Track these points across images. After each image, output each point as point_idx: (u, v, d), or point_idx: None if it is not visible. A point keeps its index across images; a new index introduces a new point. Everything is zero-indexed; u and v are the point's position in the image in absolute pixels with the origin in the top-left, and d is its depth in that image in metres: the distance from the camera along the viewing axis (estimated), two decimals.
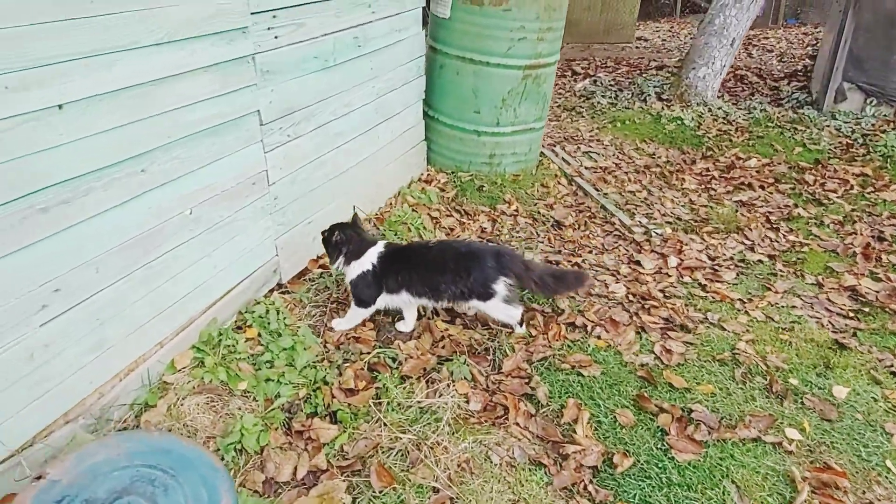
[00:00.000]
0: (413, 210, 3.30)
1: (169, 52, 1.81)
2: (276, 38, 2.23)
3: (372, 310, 2.38)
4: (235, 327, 2.30)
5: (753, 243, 3.12)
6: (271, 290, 2.57)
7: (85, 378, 1.80)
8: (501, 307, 2.29)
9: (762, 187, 3.72)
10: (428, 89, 3.58)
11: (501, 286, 2.25)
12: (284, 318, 2.34)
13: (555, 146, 4.39)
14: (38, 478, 1.28)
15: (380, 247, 2.35)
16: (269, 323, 2.30)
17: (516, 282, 2.29)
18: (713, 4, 4.70)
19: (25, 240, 1.54)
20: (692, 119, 4.58)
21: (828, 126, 4.47)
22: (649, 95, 5.03)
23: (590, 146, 4.38)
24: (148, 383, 2.00)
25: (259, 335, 2.26)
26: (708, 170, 3.97)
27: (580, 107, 5.28)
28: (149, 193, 1.87)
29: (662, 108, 4.82)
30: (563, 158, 4.13)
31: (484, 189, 3.55)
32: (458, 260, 2.28)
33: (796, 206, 3.47)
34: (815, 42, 7.92)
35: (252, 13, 2.08)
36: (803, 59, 6.89)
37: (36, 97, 1.48)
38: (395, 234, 3.02)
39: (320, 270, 2.76)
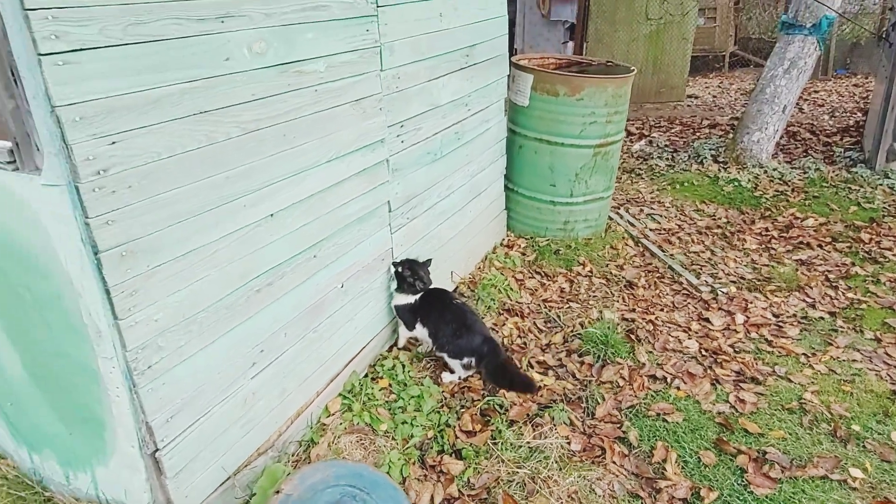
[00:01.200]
0: (500, 273, 3.76)
1: (336, 165, 2.36)
2: (402, 142, 2.78)
3: (413, 333, 2.88)
4: (370, 378, 2.78)
5: (814, 301, 3.43)
6: (391, 347, 3.05)
7: (272, 420, 2.30)
8: (459, 366, 2.76)
9: (820, 246, 4.03)
10: (508, 166, 4.09)
11: (469, 360, 2.73)
12: (409, 371, 2.81)
13: (619, 208, 4.81)
14: (277, 492, 1.76)
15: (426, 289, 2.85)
16: (396, 375, 2.78)
17: (477, 362, 2.73)
18: (763, 75, 5.10)
19: (248, 313, 2.07)
20: (749, 181, 4.94)
21: (881, 185, 4.75)
22: (706, 158, 5.41)
23: (652, 208, 4.78)
24: (310, 425, 2.49)
25: (389, 385, 2.73)
26: (767, 230, 4.30)
27: (639, 168, 5.71)
28: (317, 273, 2.39)
29: (719, 169, 5.20)
30: (628, 221, 4.54)
31: (560, 252, 3.99)
32: (460, 324, 2.75)
33: (853, 264, 3.77)
34: (865, 95, 8.16)
35: (388, 126, 2.63)
36: (855, 114, 7.15)
37: (260, 210, 2.04)
38: (488, 296, 3.48)
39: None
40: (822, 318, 3.28)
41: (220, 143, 1.86)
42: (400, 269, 2.83)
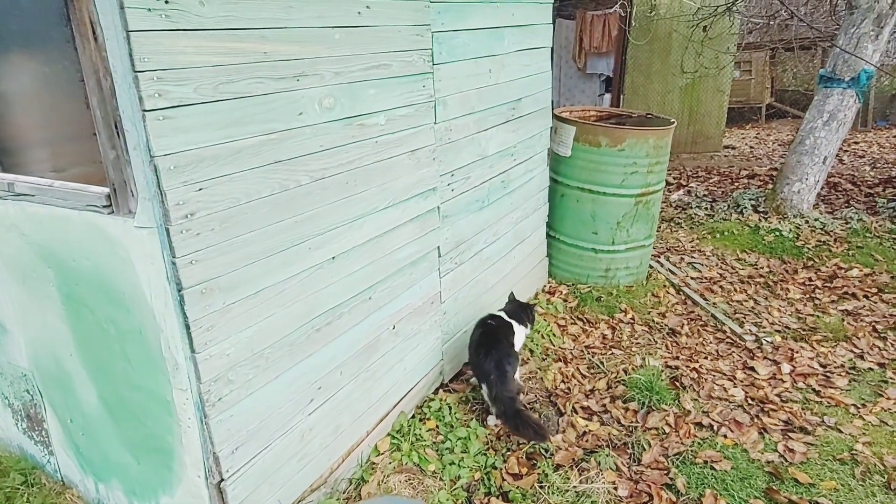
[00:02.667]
0: (542, 318, 3.81)
1: (392, 212, 2.50)
2: (452, 190, 2.91)
3: None
4: (418, 419, 2.83)
5: (862, 352, 3.38)
6: (437, 389, 3.11)
7: (326, 456, 2.38)
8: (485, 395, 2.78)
9: (866, 297, 3.98)
10: (550, 214, 4.20)
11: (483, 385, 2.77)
12: (455, 413, 2.86)
13: (659, 256, 4.85)
14: None
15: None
16: (443, 416, 2.83)
17: (488, 389, 2.71)
18: (803, 126, 5.15)
19: (309, 350, 2.18)
20: (790, 230, 4.93)
21: None
22: (745, 208, 5.43)
23: (692, 257, 4.80)
24: (361, 463, 2.55)
25: (437, 426, 2.78)
26: (810, 279, 4.28)
27: (678, 218, 5.75)
28: (372, 315, 2.50)
29: (759, 219, 5.21)
30: (668, 269, 4.57)
31: (601, 299, 4.03)
32: (484, 344, 2.84)
33: None
34: None
35: (440, 175, 2.77)
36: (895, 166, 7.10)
37: (323, 253, 2.17)
38: (531, 341, 3.53)
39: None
40: (872, 369, 3.23)
41: (291, 190, 2.01)
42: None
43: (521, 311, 3.15)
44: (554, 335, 3.66)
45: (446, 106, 2.74)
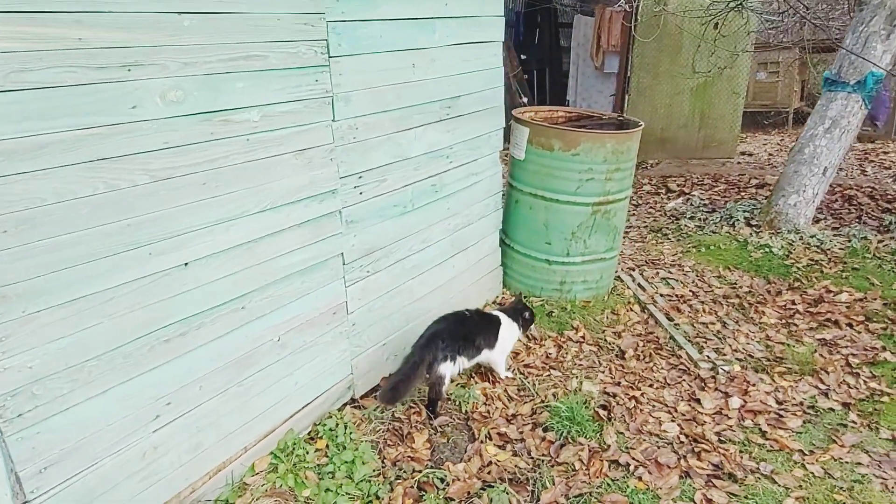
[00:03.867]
0: None
1: (272, 216, 2.31)
2: (360, 193, 2.70)
3: None
4: (309, 438, 2.64)
5: (828, 388, 3.02)
6: (345, 404, 2.91)
7: (182, 475, 2.21)
8: None
9: (850, 325, 3.58)
10: (505, 220, 3.94)
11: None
12: (350, 433, 2.66)
13: (634, 269, 4.52)
14: None
15: None
16: (336, 436, 2.63)
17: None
18: (803, 133, 4.73)
19: (152, 363, 2.01)
20: (781, 247, 4.53)
21: None
22: (738, 220, 5.04)
23: (669, 271, 4.46)
24: (231, 483, 2.37)
25: (327, 446, 2.59)
26: (793, 302, 3.89)
27: (667, 228, 5.39)
28: (246, 325, 2.32)
29: (751, 234, 4.81)
30: (639, 284, 4.25)
31: (553, 314, 3.75)
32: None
33: (884, 348, 3.31)
34: None
35: (341, 178, 2.57)
36: None
37: (171, 258, 1.99)
38: None
39: None
40: (833, 409, 2.87)
41: (123, 191, 1.84)
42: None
43: (517, 310, 3.17)
44: None
45: (349, 102, 2.53)
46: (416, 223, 3.11)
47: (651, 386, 3.14)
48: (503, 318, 3.08)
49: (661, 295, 4.08)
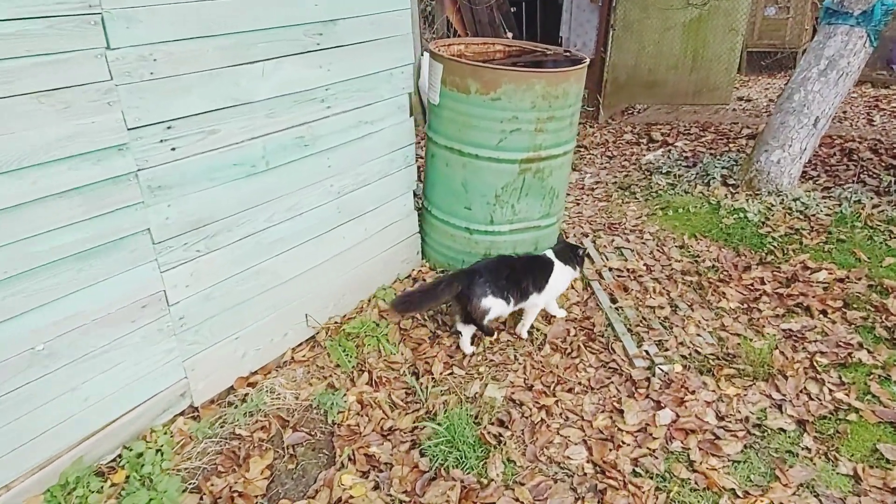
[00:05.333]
0: (382, 317, 2.97)
1: (9, 182, 1.66)
2: (172, 149, 2.05)
3: None
4: (109, 467, 2.09)
5: (784, 399, 2.42)
6: (179, 414, 2.35)
7: None
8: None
9: (824, 312, 2.95)
10: (425, 179, 3.28)
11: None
12: (164, 460, 2.10)
13: (588, 236, 3.88)
14: None
15: None
16: (142, 465, 2.07)
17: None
18: (793, 77, 3.95)
19: None
20: (758, 212, 3.83)
21: None
22: (713, 178, 4.32)
23: (627, 238, 3.80)
24: None
25: (126, 480, 2.03)
26: (762, 281, 3.24)
27: (637, 185, 4.69)
28: None
29: (726, 195, 4.11)
30: (588, 254, 3.60)
31: None
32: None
33: (860, 346, 2.68)
34: None
35: (131, 128, 1.90)
36: None
37: None
38: (344, 351, 2.70)
39: (246, 391, 2.51)
40: (784, 430, 2.27)
41: None
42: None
43: (568, 251, 2.88)
44: (387, 341, 2.82)
45: (135, 23, 1.84)
46: (276, 186, 2.46)
47: (570, 390, 2.55)
48: (557, 262, 2.82)
49: (611, 269, 3.44)
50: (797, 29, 8.57)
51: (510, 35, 8.42)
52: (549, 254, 2.84)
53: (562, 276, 2.83)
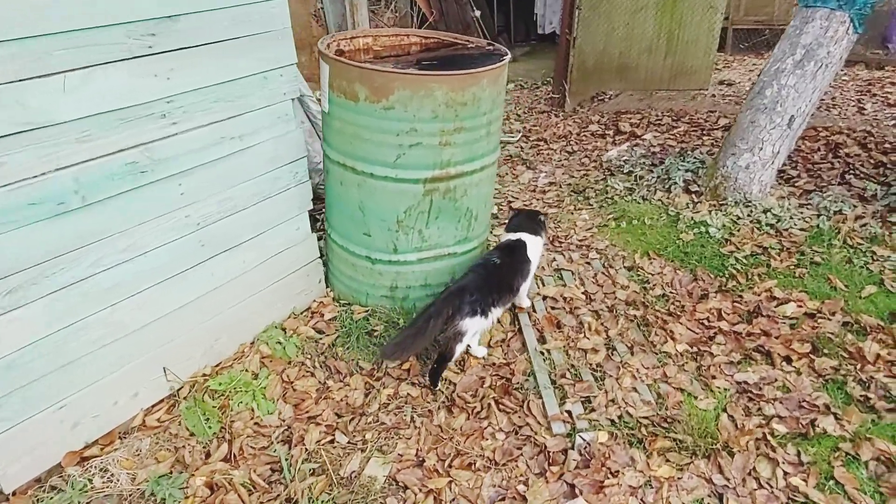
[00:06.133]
0: (264, 364, 2.52)
1: None
2: None
3: None
4: None
5: (727, 485, 1.98)
6: None
7: None
8: None
9: (788, 360, 2.49)
10: (325, 198, 2.81)
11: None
12: None
13: None
14: None
15: None
16: None
17: None
18: (765, 68, 3.43)
19: None
20: (721, 226, 3.36)
21: None
22: (675, 183, 3.84)
23: (571, 258, 3.33)
24: None
25: None
26: (719, 314, 2.79)
27: (593, 188, 4.20)
28: None
29: (688, 204, 3.63)
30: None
31: (375, 334, 2.68)
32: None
33: (828, 409, 2.23)
34: None
35: None
36: None
37: None
38: (203, 414, 2.25)
39: (78, 469, 2.06)
40: None
41: None
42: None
43: (530, 221, 2.75)
44: (263, 397, 2.37)
45: None
46: (100, 224, 1.98)
47: (471, 465, 2.11)
48: (525, 237, 2.66)
49: (545, 298, 2.98)
50: (786, 4, 7.97)
51: (477, 13, 7.83)
52: (513, 236, 2.67)
53: (536, 250, 2.69)
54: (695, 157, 4.12)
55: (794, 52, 3.25)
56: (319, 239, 2.90)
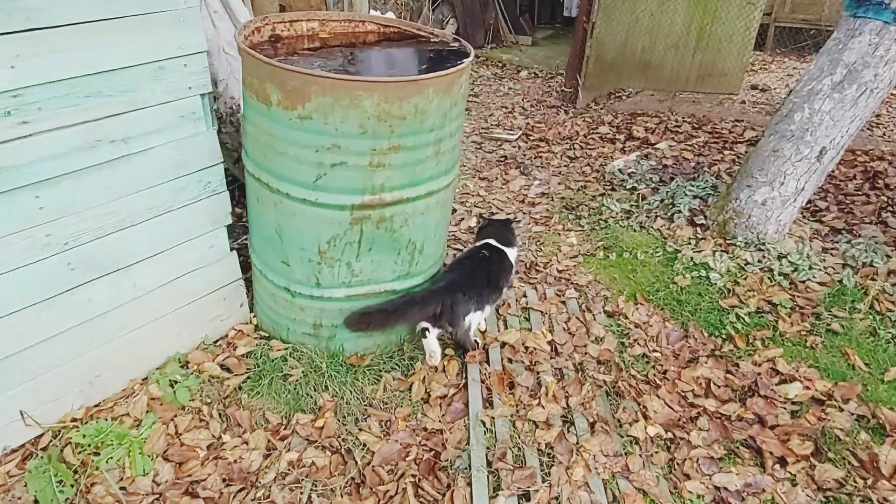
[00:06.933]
0: (151, 410, 2.12)
1: None
2: None
3: None
4: None
5: None
6: None
7: None
8: None
9: (782, 462, 2.02)
10: (248, 214, 2.38)
11: None
12: None
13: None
14: None
15: None
16: None
17: None
18: (797, 88, 2.87)
19: None
20: (726, 272, 2.85)
21: None
22: (680, 212, 3.32)
23: (545, 294, 2.87)
24: None
25: None
26: (707, 387, 2.31)
27: (587, 206, 3.70)
28: None
29: (690, 239, 3.12)
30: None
31: (291, 379, 2.26)
32: None
33: None
34: None
35: None
36: None
37: None
38: (56, 475, 1.86)
39: None
40: None
41: None
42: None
43: (505, 232, 2.58)
44: (140, 452, 1.98)
45: None
46: None
47: None
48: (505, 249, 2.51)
49: (504, 345, 2.53)
50: (838, 4, 7.22)
51: None
52: (493, 241, 2.50)
53: (514, 260, 2.55)
54: (706, 181, 3.58)
55: (834, 72, 2.70)
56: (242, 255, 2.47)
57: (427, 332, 2.29)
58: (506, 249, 2.49)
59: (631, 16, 5.33)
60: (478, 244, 2.51)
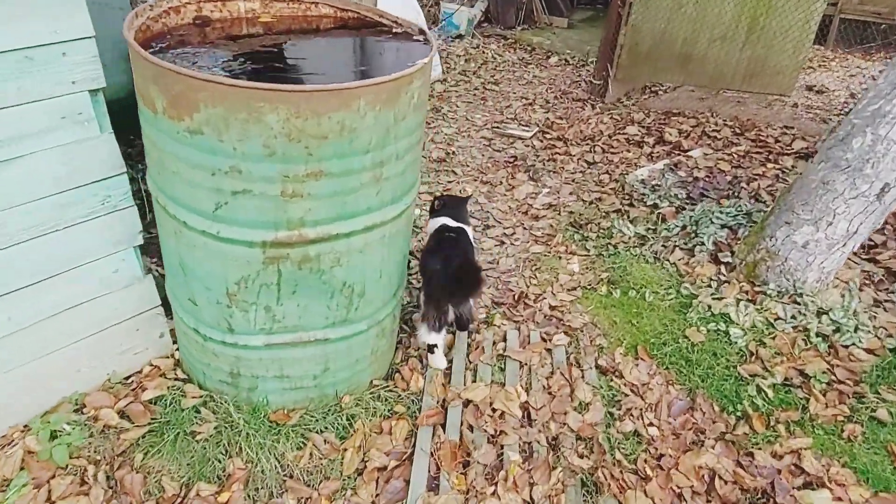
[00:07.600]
0: (24, 468, 1.78)
1: None
2: None
3: None
4: None
5: None
6: None
7: None
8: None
9: None
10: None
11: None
12: None
13: (481, 315, 2.52)
14: None
15: None
16: None
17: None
18: (858, 107, 2.31)
19: None
20: (751, 327, 2.34)
21: None
22: (703, 245, 2.79)
23: (528, 336, 2.42)
24: None
25: None
26: (710, 483, 1.85)
27: (596, 224, 3.21)
28: None
29: (711, 281, 2.61)
30: (450, 362, 2.26)
31: (199, 437, 1.89)
32: None
33: None
34: None
35: None
36: None
37: None
38: None
39: None
40: None
41: None
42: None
43: (462, 210, 2.53)
44: None
45: None
46: None
47: None
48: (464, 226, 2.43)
49: (468, 403, 2.10)
50: None
51: None
52: (449, 221, 2.38)
53: (472, 238, 2.46)
54: (740, 207, 3.03)
55: None
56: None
57: (434, 349, 2.16)
58: (465, 228, 2.42)
59: (673, 3, 4.71)
60: (439, 226, 2.38)
